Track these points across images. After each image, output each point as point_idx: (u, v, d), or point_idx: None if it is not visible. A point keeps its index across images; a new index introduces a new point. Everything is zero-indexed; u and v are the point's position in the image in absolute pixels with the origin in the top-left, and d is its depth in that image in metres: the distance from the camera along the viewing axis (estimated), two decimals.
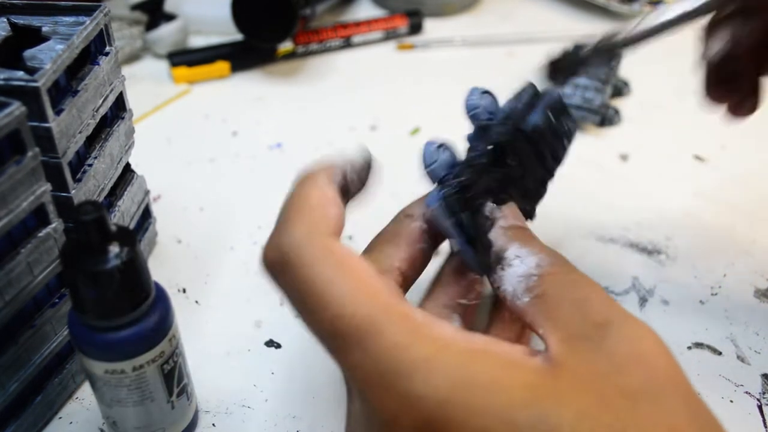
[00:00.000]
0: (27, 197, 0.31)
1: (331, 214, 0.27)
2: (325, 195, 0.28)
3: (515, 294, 0.28)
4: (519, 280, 0.28)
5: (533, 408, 0.23)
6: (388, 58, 0.70)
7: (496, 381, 0.23)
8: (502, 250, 0.29)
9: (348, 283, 0.25)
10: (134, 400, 0.32)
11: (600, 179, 0.54)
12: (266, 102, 0.63)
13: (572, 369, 0.24)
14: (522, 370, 0.24)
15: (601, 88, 0.58)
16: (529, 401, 0.23)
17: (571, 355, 0.24)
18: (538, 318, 0.27)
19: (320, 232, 0.26)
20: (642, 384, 0.24)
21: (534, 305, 0.27)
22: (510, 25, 0.74)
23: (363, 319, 0.24)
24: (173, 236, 0.48)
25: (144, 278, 0.30)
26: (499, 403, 0.23)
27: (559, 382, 0.24)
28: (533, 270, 0.28)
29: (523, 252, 0.29)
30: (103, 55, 0.38)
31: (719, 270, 0.46)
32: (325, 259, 0.25)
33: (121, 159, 0.41)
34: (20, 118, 0.29)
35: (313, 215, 0.27)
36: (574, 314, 0.26)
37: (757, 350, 0.41)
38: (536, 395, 0.23)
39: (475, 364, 0.24)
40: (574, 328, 0.25)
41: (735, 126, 0.40)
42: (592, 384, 0.24)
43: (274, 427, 0.37)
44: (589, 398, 0.23)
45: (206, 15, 0.71)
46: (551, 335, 0.25)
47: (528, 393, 0.23)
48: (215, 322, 0.43)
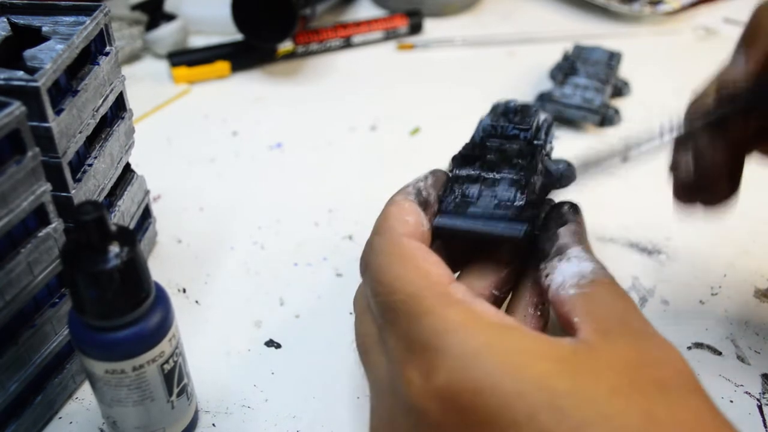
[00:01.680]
0: (27, 197, 0.31)
1: (407, 219, 0.32)
2: (402, 207, 0.33)
3: (562, 285, 0.30)
4: (572, 275, 0.30)
5: (570, 379, 0.24)
6: (388, 58, 0.70)
7: (532, 350, 0.25)
8: (566, 246, 0.32)
9: (403, 268, 0.29)
10: (134, 399, 0.32)
11: (600, 179, 0.53)
12: (266, 102, 0.63)
13: (604, 352, 0.25)
14: (556, 346, 0.26)
15: (601, 88, 0.58)
16: (565, 372, 0.24)
17: (604, 342, 0.26)
18: (577, 309, 0.28)
19: (393, 233, 0.31)
20: (670, 378, 0.25)
21: (578, 298, 0.29)
22: (510, 25, 0.74)
23: (410, 294, 0.28)
24: (173, 236, 0.48)
25: (144, 278, 0.30)
26: (536, 370, 0.24)
27: (592, 360, 0.25)
28: (587, 273, 0.30)
29: (583, 256, 0.31)
30: (103, 55, 0.38)
31: (719, 270, 0.46)
32: (391, 250, 0.30)
33: (121, 159, 0.41)
34: (20, 118, 0.29)
35: (390, 222, 0.32)
36: (613, 317, 0.27)
37: (757, 350, 0.41)
38: (572, 368, 0.24)
39: (511, 335, 0.25)
40: (610, 326, 0.27)
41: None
42: (624, 368, 0.25)
43: (274, 427, 0.37)
44: (621, 378, 0.24)
45: (206, 15, 0.71)
46: (586, 325, 0.27)
47: (564, 365, 0.24)
48: (215, 322, 0.43)
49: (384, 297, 0.29)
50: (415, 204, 0.33)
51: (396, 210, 0.32)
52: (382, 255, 0.30)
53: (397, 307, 0.28)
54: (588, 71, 0.60)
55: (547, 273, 0.31)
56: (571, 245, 0.32)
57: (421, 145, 0.58)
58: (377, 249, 0.31)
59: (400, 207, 0.33)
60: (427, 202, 0.34)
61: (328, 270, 0.46)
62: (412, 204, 0.33)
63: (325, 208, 0.51)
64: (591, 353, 0.25)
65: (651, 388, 0.24)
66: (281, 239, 0.48)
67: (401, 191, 0.34)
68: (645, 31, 0.73)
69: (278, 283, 0.45)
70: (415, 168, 0.38)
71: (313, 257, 0.47)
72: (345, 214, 0.50)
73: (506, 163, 0.36)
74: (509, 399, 0.23)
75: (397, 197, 0.34)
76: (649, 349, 0.26)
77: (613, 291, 0.29)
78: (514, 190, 0.34)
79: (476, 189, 0.35)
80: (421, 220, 0.32)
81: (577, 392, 0.23)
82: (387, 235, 0.31)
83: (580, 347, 0.26)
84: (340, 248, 0.48)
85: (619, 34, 0.72)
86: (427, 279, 0.28)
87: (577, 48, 0.63)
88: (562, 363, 0.24)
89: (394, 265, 0.29)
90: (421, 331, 0.26)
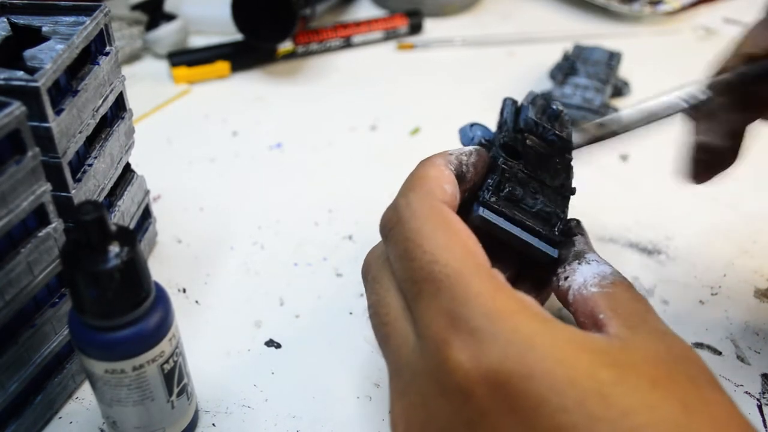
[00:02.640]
0: (27, 197, 0.31)
1: (446, 188, 0.30)
2: (442, 173, 0.31)
3: (584, 284, 0.31)
4: (593, 275, 0.31)
5: (614, 369, 0.24)
6: (388, 58, 0.70)
7: (577, 341, 0.25)
8: (584, 252, 0.33)
9: (449, 239, 0.27)
10: (134, 399, 0.32)
11: (600, 179, 0.54)
12: (266, 102, 0.63)
13: (638, 347, 0.26)
14: (594, 339, 0.26)
15: (601, 88, 0.58)
16: (609, 363, 0.24)
17: (634, 338, 0.27)
18: (602, 306, 0.29)
19: (434, 197, 0.29)
20: (699, 374, 0.26)
21: (601, 296, 0.30)
22: (510, 25, 0.74)
23: (455, 269, 0.26)
24: (173, 236, 0.48)
25: (144, 278, 0.30)
26: (584, 360, 0.24)
27: (629, 354, 0.26)
28: (608, 275, 0.31)
29: (601, 260, 0.33)
30: (103, 55, 0.38)
31: (719, 270, 0.46)
32: (433, 216, 0.28)
33: (121, 159, 0.41)
34: (20, 118, 0.29)
35: (429, 184, 0.30)
36: (636, 315, 0.28)
37: (757, 350, 0.41)
38: (614, 359, 0.25)
39: (555, 326, 0.26)
40: (634, 323, 0.28)
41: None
42: (657, 362, 0.25)
43: (274, 427, 0.37)
44: (659, 371, 0.25)
45: (206, 15, 0.71)
46: (613, 321, 0.28)
47: (606, 357, 0.25)
48: (215, 322, 0.43)
49: (424, 265, 0.27)
50: (453, 175, 0.31)
51: (436, 173, 0.30)
52: (423, 218, 0.28)
53: (440, 279, 0.26)
54: (588, 71, 0.60)
55: (567, 275, 0.32)
56: (588, 251, 0.34)
57: (421, 145, 0.58)
58: (416, 210, 0.28)
59: (440, 172, 0.30)
60: (464, 177, 0.32)
61: (328, 270, 0.46)
62: (451, 174, 0.31)
63: (325, 208, 0.51)
64: (626, 347, 0.26)
65: (685, 381, 0.25)
66: (281, 239, 0.48)
67: (441, 154, 0.32)
68: (645, 31, 0.73)
69: (278, 283, 0.45)
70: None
71: (313, 257, 0.47)
72: (345, 214, 0.50)
73: (547, 171, 0.36)
74: (560, 386, 0.24)
75: (438, 160, 0.31)
76: (672, 345, 0.27)
77: (632, 292, 0.30)
78: (556, 206, 0.35)
79: (521, 191, 0.34)
80: (456, 193, 0.30)
81: (622, 382, 0.24)
82: (427, 198, 0.29)
83: (614, 341, 0.26)
84: (340, 248, 0.48)
85: (619, 34, 0.72)
86: (473, 258, 0.27)
87: (577, 48, 0.63)
88: (604, 355, 0.25)
89: (438, 233, 0.27)
90: (469, 310, 0.25)
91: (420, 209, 0.28)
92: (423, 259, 0.27)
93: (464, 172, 0.32)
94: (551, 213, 0.34)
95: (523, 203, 0.34)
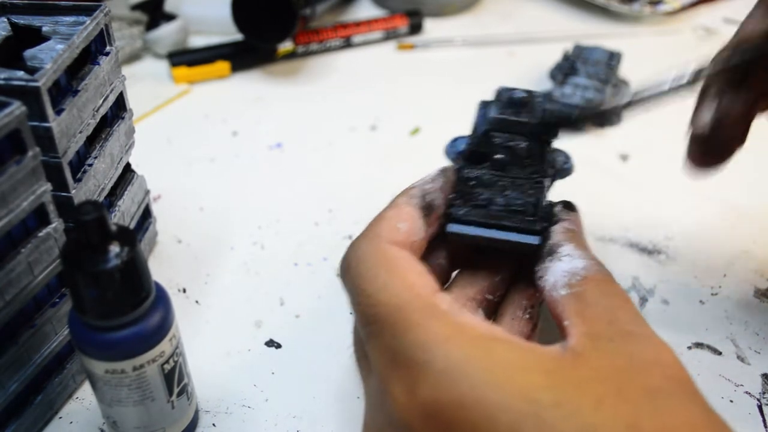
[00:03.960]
0: (27, 197, 0.31)
1: (399, 226, 0.31)
2: (400, 211, 0.32)
3: (555, 286, 0.30)
4: (563, 274, 0.30)
5: (555, 391, 0.24)
6: (388, 58, 0.70)
7: (517, 363, 0.25)
8: (557, 245, 0.32)
9: (389, 278, 0.28)
10: (134, 399, 0.32)
11: (600, 179, 0.54)
12: (266, 102, 0.63)
13: (592, 361, 0.25)
14: (542, 357, 0.25)
15: (601, 88, 0.58)
16: (550, 384, 0.24)
17: (593, 349, 0.26)
18: (568, 311, 0.28)
19: (381, 240, 0.30)
20: (660, 383, 0.24)
21: (569, 299, 0.29)
22: (510, 25, 0.74)
23: (395, 306, 0.27)
24: (173, 236, 0.48)
25: (144, 278, 0.30)
26: (520, 383, 0.24)
27: (579, 370, 0.25)
28: (579, 270, 0.30)
29: (575, 253, 0.31)
30: (104, 55, 0.38)
31: (719, 270, 0.46)
32: (377, 259, 0.29)
33: (121, 159, 0.42)
34: (20, 117, 0.29)
35: (380, 227, 0.31)
36: (603, 318, 0.27)
37: (757, 350, 0.41)
38: (557, 379, 0.24)
39: (497, 347, 0.25)
40: (599, 328, 0.27)
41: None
42: (611, 377, 0.24)
43: (274, 427, 0.37)
44: (608, 388, 0.24)
45: (206, 15, 0.71)
46: (576, 328, 0.27)
47: (549, 377, 0.24)
48: (215, 322, 0.43)
49: (367, 308, 0.28)
50: (416, 209, 0.32)
51: (392, 214, 0.31)
52: (365, 263, 0.29)
53: (381, 320, 0.27)
54: (588, 71, 0.60)
55: (541, 275, 0.31)
56: (562, 243, 0.32)
57: (421, 145, 0.58)
58: (360, 255, 0.30)
59: (398, 211, 0.32)
60: (431, 206, 0.33)
61: (328, 270, 0.46)
62: (411, 209, 0.32)
63: (325, 208, 0.51)
64: (577, 362, 0.25)
65: (639, 396, 0.24)
66: (281, 239, 0.48)
67: (405, 192, 0.33)
68: (645, 31, 0.73)
69: (278, 283, 0.45)
70: (416, 168, 0.38)
71: (313, 257, 0.47)
72: (345, 214, 0.50)
73: (516, 163, 0.35)
74: (493, 412, 0.23)
75: (400, 200, 0.33)
76: (639, 352, 0.25)
77: (604, 288, 0.29)
78: (527, 196, 0.34)
79: (488, 194, 0.34)
80: (414, 228, 0.31)
81: (562, 404, 0.23)
82: (373, 242, 0.30)
83: (566, 357, 0.25)
84: (340, 248, 0.47)
85: (619, 34, 0.72)
86: (411, 291, 0.27)
87: (577, 48, 0.63)
88: (548, 375, 0.24)
89: (379, 274, 0.28)
90: (405, 344, 0.26)
91: (364, 254, 0.30)
92: (367, 302, 0.28)
93: (431, 200, 0.33)
94: (524, 203, 0.34)
95: (493, 204, 0.34)
